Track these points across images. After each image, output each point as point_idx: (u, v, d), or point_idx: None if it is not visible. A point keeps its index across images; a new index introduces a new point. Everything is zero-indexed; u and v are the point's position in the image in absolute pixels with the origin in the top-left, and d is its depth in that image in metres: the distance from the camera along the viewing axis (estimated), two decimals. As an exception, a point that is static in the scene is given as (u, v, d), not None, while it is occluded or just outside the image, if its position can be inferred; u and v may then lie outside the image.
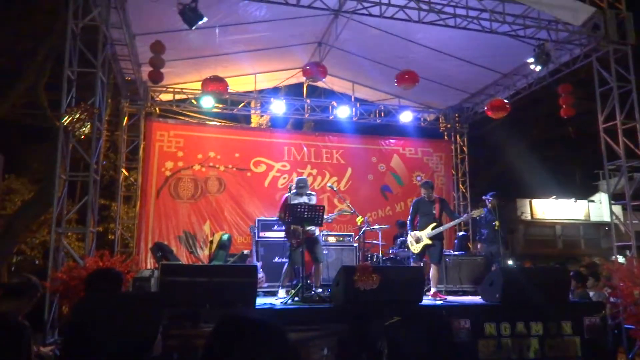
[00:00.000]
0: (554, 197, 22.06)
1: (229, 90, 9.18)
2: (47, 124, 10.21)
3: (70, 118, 5.35)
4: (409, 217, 7.28)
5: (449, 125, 11.95)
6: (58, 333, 5.30)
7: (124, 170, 10.07)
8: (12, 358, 2.86)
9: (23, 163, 14.47)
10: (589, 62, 8.06)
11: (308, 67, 8.37)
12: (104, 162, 13.91)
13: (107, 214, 14.21)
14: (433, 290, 6.79)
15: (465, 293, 7.72)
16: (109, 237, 12.91)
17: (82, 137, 5.95)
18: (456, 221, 7.63)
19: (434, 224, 6.97)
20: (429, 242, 6.89)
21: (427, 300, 6.19)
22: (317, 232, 6.60)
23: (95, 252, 5.73)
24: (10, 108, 11.81)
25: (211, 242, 8.54)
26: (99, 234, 13.97)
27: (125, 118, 10.04)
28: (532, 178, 19.68)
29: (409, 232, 7.18)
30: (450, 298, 6.96)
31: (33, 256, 13.52)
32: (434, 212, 7.06)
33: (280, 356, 1.20)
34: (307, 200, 6.57)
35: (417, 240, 6.96)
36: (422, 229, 7.00)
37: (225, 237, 8.42)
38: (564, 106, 9.05)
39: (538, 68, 8.07)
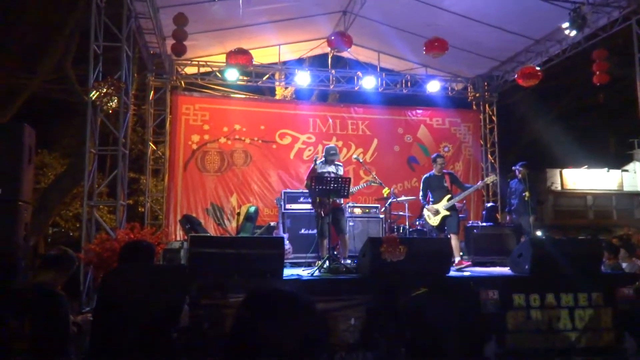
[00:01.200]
0: (586, 166, 21.49)
1: (253, 62, 9.13)
2: (76, 99, 10.36)
3: (98, 93, 5.41)
4: (421, 193, 7.26)
5: (477, 95, 11.66)
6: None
7: (151, 144, 10.21)
8: (50, 325, 2.97)
9: (54, 138, 14.81)
10: (628, 25, 7.69)
11: (333, 38, 8.24)
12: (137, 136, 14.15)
13: (137, 187, 14.50)
14: (457, 259, 6.77)
15: (493, 264, 7.65)
16: (139, 209, 13.20)
17: (110, 111, 6.03)
18: (472, 189, 7.51)
19: (449, 196, 6.97)
20: (447, 213, 6.88)
21: (453, 271, 6.15)
22: (342, 203, 6.58)
23: (126, 225, 5.86)
24: (39, 83, 12.02)
25: (238, 214, 8.63)
26: (130, 207, 14.27)
27: (152, 92, 10.12)
28: (563, 148, 19.17)
29: (425, 207, 7.14)
30: (479, 269, 6.91)
31: (67, 228, 13.94)
32: (446, 184, 7.05)
33: (308, 326, 1.20)
34: (334, 170, 6.53)
35: (435, 213, 6.95)
36: (437, 202, 7.01)
37: (252, 209, 8.50)
38: (598, 72, 8.70)
39: (573, 33, 7.75)
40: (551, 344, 5.26)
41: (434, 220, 6.97)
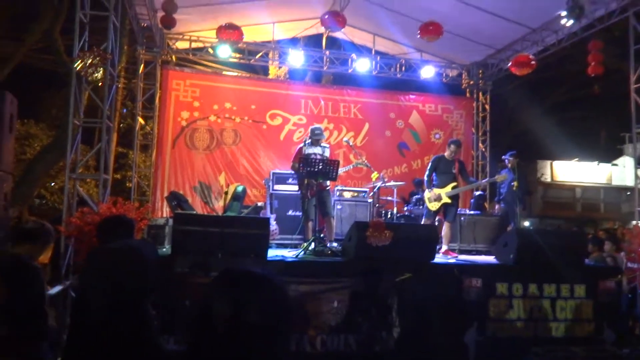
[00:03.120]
0: (576, 159, 21.60)
1: (246, 40, 8.96)
2: (64, 69, 10.15)
3: (83, 63, 5.27)
4: (427, 172, 7.07)
5: (471, 82, 11.59)
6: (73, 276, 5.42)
7: (140, 119, 10.05)
8: (24, 297, 2.91)
9: (42, 108, 14.58)
10: (625, 17, 7.63)
11: (326, 17, 8.09)
12: (125, 110, 13.94)
13: (125, 162, 14.36)
14: (445, 247, 6.75)
15: (479, 253, 7.67)
16: (127, 184, 13.08)
17: (98, 83, 5.90)
18: (476, 184, 7.48)
19: (454, 183, 6.85)
20: (449, 200, 6.80)
21: (438, 258, 6.15)
22: (328, 186, 6.53)
23: (109, 199, 5.77)
24: (27, 52, 11.77)
25: (226, 193, 8.56)
26: (118, 182, 14.20)
27: (142, 65, 9.92)
28: (554, 139, 19.21)
29: (428, 188, 7.00)
30: (464, 257, 6.92)
31: (53, 201, 13.80)
32: (454, 171, 6.92)
33: (274, 310, 1.15)
34: (320, 152, 6.46)
35: (437, 199, 6.83)
36: (441, 186, 6.87)
37: (240, 188, 8.42)
38: (593, 64, 8.66)
39: (570, 22, 7.68)
40: (531, 333, 5.32)
41: (434, 205, 6.85)
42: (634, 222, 7.29)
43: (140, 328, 2.40)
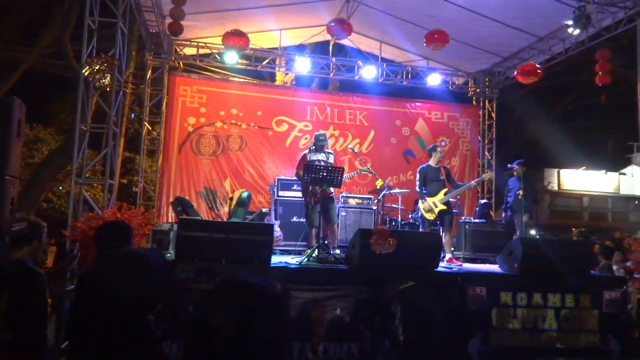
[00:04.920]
0: (584, 168, 21.46)
1: (253, 46, 9.00)
2: (73, 75, 10.24)
3: (90, 69, 5.32)
4: (417, 184, 7.02)
5: (478, 90, 11.58)
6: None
7: (147, 124, 10.12)
8: (26, 303, 2.93)
9: (51, 113, 14.70)
10: (632, 27, 7.60)
11: (332, 24, 8.13)
12: (132, 116, 14.03)
13: (132, 167, 14.43)
14: (448, 256, 6.72)
15: (483, 261, 7.63)
16: (133, 189, 13.14)
17: (107, 89, 5.94)
18: (465, 186, 7.45)
19: (445, 189, 6.85)
20: (444, 207, 6.78)
21: (442, 266, 6.12)
22: (332, 192, 6.52)
23: (113, 204, 5.80)
24: (38, 57, 11.89)
25: (231, 199, 8.59)
26: (124, 186, 14.28)
27: (149, 71, 10.00)
28: (562, 148, 19.11)
29: (421, 200, 6.94)
30: (468, 266, 6.88)
31: (60, 205, 13.89)
32: (442, 177, 6.92)
33: (269, 321, 1.16)
34: (324, 158, 6.45)
35: (431, 208, 6.80)
36: (433, 195, 6.84)
37: (245, 194, 8.44)
38: (600, 73, 8.63)
39: (577, 32, 7.65)
40: (535, 343, 5.26)
41: (430, 215, 6.85)
42: (641, 232, 7.24)
43: (142, 334, 2.42)
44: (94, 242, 3.59)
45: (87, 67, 5.42)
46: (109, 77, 5.53)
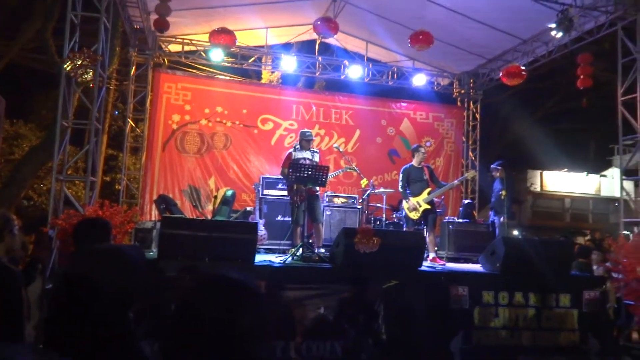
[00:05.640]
0: (566, 169, 21.77)
1: (239, 44, 8.95)
2: (55, 70, 10.09)
3: (72, 64, 5.24)
4: (400, 184, 7.05)
5: (462, 91, 11.67)
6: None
7: (130, 121, 10.00)
8: (2, 303, 2.86)
9: (32, 108, 14.46)
10: (613, 31, 7.73)
11: (319, 23, 8.13)
12: (116, 112, 13.87)
13: (115, 164, 14.26)
14: (432, 255, 6.76)
15: (466, 261, 7.69)
16: (117, 187, 12.99)
17: (90, 85, 5.86)
18: (448, 186, 7.52)
19: (429, 189, 6.90)
20: (428, 206, 6.82)
21: (426, 265, 6.16)
22: (318, 191, 6.52)
23: (95, 201, 5.73)
24: (19, 52, 11.69)
25: (215, 197, 8.54)
26: (107, 184, 14.10)
27: (133, 68, 9.88)
28: (545, 150, 19.35)
29: (405, 199, 6.96)
30: (451, 265, 6.93)
31: (41, 202, 13.68)
32: (425, 177, 6.97)
33: (248, 314, 1.15)
34: (310, 157, 6.45)
35: (415, 208, 6.84)
36: (416, 195, 6.88)
37: (229, 193, 8.40)
38: (582, 76, 8.76)
39: (559, 35, 7.76)
40: (517, 342, 5.33)
41: (414, 214, 6.88)
42: (620, 233, 7.36)
43: (121, 331, 2.38)
44: (72, 238, 3.53)
45: (69, 62, 5.34)
46: (91, 73, 5.45)
